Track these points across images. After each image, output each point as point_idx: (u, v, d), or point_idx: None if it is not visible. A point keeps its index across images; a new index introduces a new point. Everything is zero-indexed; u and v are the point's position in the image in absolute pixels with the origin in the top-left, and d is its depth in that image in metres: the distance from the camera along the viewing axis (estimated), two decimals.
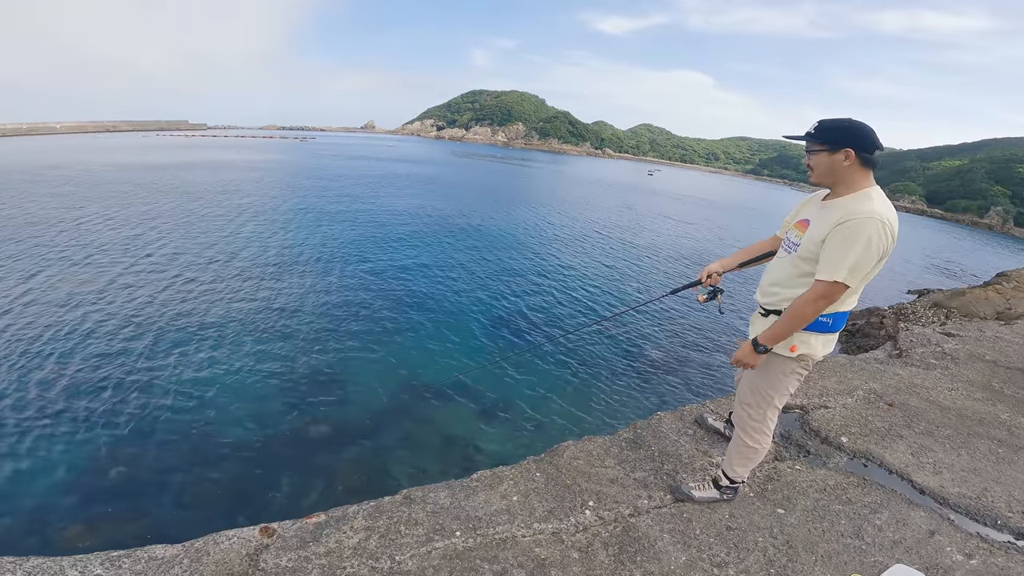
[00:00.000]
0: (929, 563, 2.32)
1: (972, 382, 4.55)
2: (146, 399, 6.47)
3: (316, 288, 11.34)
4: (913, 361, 5.00)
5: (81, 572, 1.92)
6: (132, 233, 14.91)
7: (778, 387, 2.24)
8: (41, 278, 10.54)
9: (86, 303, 9.37)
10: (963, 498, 2.82)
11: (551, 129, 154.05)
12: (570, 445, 3.02)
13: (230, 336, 8.42)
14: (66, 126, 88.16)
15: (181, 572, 1.96)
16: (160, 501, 4.91)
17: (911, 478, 2.98)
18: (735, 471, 2.49)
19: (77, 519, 4.64)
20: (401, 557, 2.14)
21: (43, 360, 7.30)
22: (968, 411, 3.92)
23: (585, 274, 14.85)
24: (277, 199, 23.70)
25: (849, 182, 1.93)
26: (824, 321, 2.04)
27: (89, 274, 11.00)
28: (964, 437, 3.50)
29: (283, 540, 2.19)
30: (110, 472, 5.22)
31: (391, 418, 6.53)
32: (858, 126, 1.88)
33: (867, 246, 1.81)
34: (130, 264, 11.95)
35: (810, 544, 2.38)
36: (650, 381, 8.27)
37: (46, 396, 6.44)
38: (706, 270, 2.59)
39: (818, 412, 3.64)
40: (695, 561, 2.23)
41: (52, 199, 19.49)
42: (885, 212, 1.83)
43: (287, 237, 15.91)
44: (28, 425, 5.84)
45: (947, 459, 3.20)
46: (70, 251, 12.63)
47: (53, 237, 13.76)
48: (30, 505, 4.77)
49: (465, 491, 2.59)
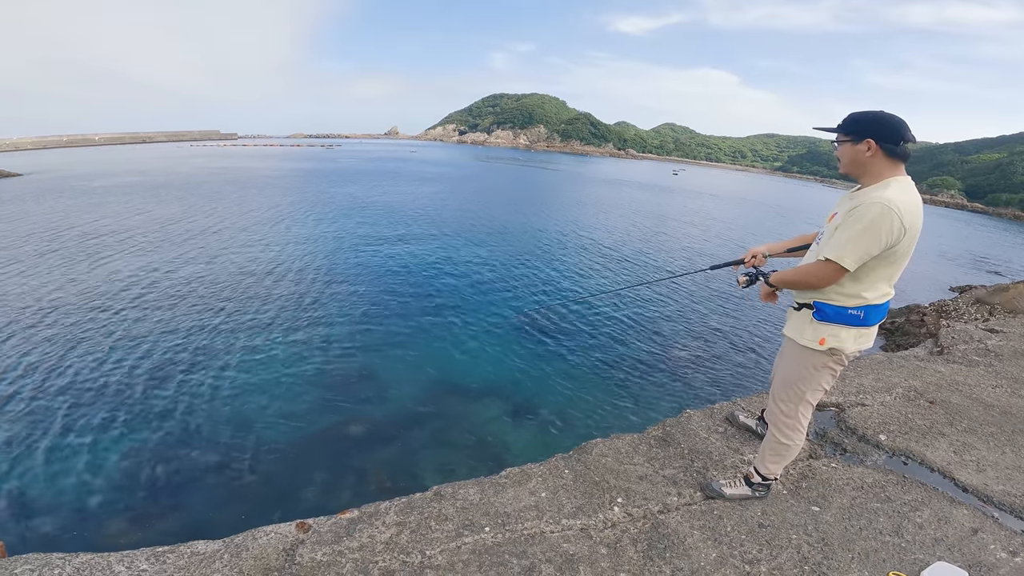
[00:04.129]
0: (972, 561, 2.24)
1: (1017, 379, 4.35)
2: (185, 399, 6.70)
3: (345, 287, 11.58)
4: (955, 358, 4.82)
5: (128, 567, 1.98)
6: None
7: (810, 382, 2.21)
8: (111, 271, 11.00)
9: (139, 298, 9.76)
10: (1008, 496, 2.71)
11: (573, 131, 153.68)
12: (599, 443, 3.00)
13: (264, 336, 8.67)
14: (104, 137, 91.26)
15: (222, 567, 2.02)
16: (200, 498, 5.06)
17: (953, 476, 2.88)
18: (767, 468, 2.44)
19: (121, 516, 4.80)
20: (431, 552, 2.17)
21: (83, 358, 7.65)
22: (1013, 408, 3.76)
23: (611, 265, 14.80)
24: (305, 204, 24.20)
25: (874, 172, 1.95)
26: (854, 314, 2.03)
27: (152, 266, 11.44)
28: (1008, 435, 3.37)
29: (318, 535, 2.24)
30: (152, 470, 5.41)
31: (421, 417, 6.62)
32: (882, 117, 1.90)
33: (870, 231, 1.84)
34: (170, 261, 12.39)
35: (847, 541, 2.32)
36: (680, 379, 8.18)
37: (86, 394, 6.73)
38: (751, 251, 2.53)
39: (855, 410, 3.54)
40: (726, 558, 2.20)
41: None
42: (896, 199, 1.83)
43: (315, 239, 16.24)
44: (72, 424, 6.10)
45: (991, 457, 3.09)
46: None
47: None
48: (76, 503, 4.95)
49: (494, 487, 2.60)
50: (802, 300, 2.17)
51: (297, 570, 2.04)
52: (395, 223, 20.20)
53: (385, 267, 13.68)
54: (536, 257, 15.82)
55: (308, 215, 21.50)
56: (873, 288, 1.99)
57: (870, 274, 1.97)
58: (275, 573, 2.01)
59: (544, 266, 14.85)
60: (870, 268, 1.95)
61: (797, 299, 2.21)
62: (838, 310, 2.04)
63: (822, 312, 2.08)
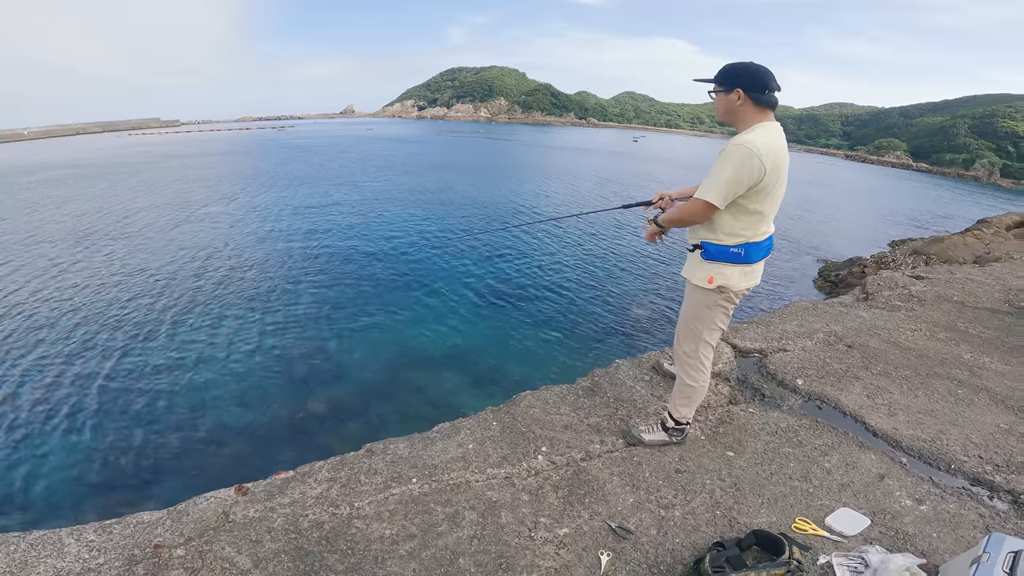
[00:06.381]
0: (876, 508, 2.27)
1: (936, 323, 4.45)
2: (142, 384, 6.68)
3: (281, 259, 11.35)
4: (878, 304, 4.98)
5: (77, 539, 2.04)
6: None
7: (705, 320, 2.33)
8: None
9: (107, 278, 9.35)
10: (917, 441, 2.76)
11: (534, 102, 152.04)
12: (527, 395, 3.06)
13: (209, 319, 8.52)
14: (33, 132, 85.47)
15: (163, 531, 2.09)
16: (154, 477, 5.15)
17: (864, 420, 2.95)
18: (679, 411, 2.54)
19: (76, 498, 4.92)
20: (360, 503, 2.24)
21: (25, 347, 7.43)
22: (929, 352, 3.84)
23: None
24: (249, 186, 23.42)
25: (744, 119, 2.08)
26: (735, 252, 2.16)
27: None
28: (923, 378, 3.43)
29: (253, 496, 2.30)
30: (107, 456, 5.44)
31: (369, 385, 6.75)
32: (751, 69, 2.03)
33: (733, 170, 1.98)
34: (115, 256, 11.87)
35: (757, 487, 2.39)
36: (612, 330, 8.46)
37: (39, 384, 6.64)
38: (659, 193, 2.66)
39: (776, 355, 3.67)
40: (642, 503, 2.28)
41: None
42: (758, 141, 1.96)
43: (263, 222, 15.78)
44: (28, 410, 6.09)
45: (903, 400, 3.15)
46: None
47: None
48: (28, 485, 5.03)
49: (424, 442, 2.65)
50: (694, 241, 2.29)
51: (231, 527, 2.11)
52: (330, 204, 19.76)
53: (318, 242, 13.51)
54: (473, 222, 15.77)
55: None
56: (750, 226, 2.12)
57: (743, 212, 2.10)
58: (211, 531, 2.08)
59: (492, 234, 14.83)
60: (741, 206, 2.08)
61: (690, 241, 2.32)
62: (720, 248, 2.17)
63: (708, 251, 2.21)
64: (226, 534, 2.07)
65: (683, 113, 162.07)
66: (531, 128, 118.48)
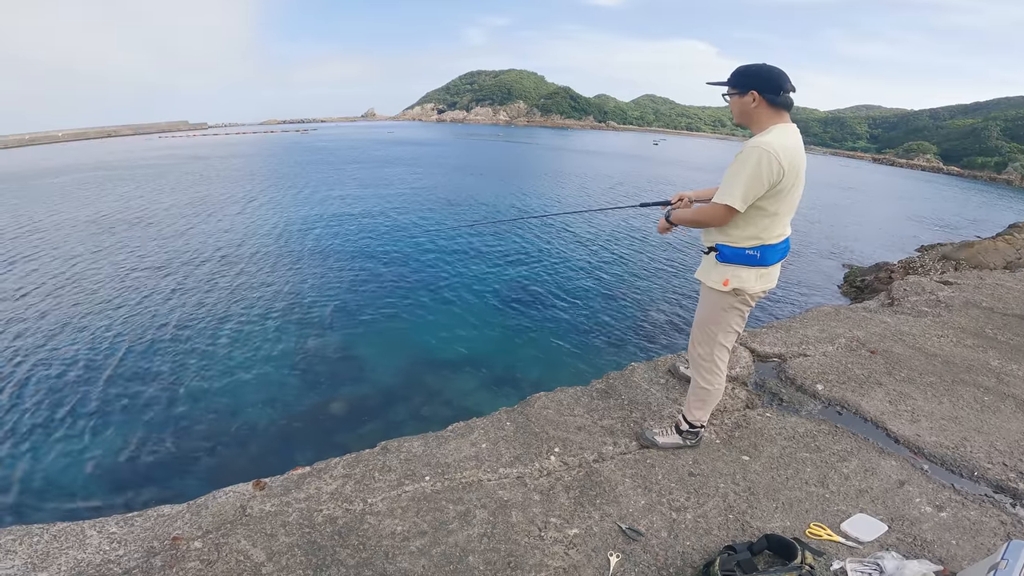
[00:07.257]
0: (895, 514, 2.23)
1: (964, 329, 4.37)
2: (164, 385, 6.78)
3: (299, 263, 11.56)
4: (904, 309, 4.90)
5: (99, 531, 2.11)
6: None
7: (720, 323, 2.30)
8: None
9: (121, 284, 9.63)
10: (940, 447, 2.71)
11: (552, 105, 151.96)
12: (542, 396, 3.07)
13: (237, 318, 8.67)
14: (68, 134, 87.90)
15: (183, 524, 2.16)
16: (183, 476, 5.24)
17: (886, 426, 2.89)
18: (693, 414, 2.52)
19: (99, 492, 5.01)
20: (373, 500, 2.28)
21: (56, 340, 7.72)
22: (956, 358, 3.76)
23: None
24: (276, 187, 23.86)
25: (760, 122, 2.07)
26: (751, 254, 2.14)
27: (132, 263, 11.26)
28: (948, 384, 3.36)
29: (270, 490, 2.36)
30: (132, 450, 5.55)
31: (388, 386, 6.80)
32: (764, 70, 2.02)
33: (749, 172, 1.95)
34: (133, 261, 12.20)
35: (772, 491, 2.36)
36: (629, 335, 8.40)
37: (62, 377, 6.82)
38: (679, 194, 2.63)
39: (796, 360, 3.62)
40: (654, 505, 2.27)
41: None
42: (775, 142, 1.95)
43: (290, 223, 16.05)
44: (49, 406, 6.22)
45: (927, 407, 3.09)
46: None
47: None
48: (56, 479, 5.14)
49: (438, 440, 2.69)
50: (708, 244, 2.27)
51: (247, 520, 2.16)
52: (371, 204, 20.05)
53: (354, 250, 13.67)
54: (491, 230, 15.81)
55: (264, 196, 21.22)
56: (766, 228, 2.10)
57: (760, 214, 2.08)
58: (228, 525, 2.14)
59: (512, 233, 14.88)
60: (757, 208, 2.06)
61: (705, 243, 2.30)
62: (736, 251, 2.15)
63: (723, 254, 2.19)
64: (242, 527, 2.12)
65: (704, 116, 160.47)
66: (550, 131, 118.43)
